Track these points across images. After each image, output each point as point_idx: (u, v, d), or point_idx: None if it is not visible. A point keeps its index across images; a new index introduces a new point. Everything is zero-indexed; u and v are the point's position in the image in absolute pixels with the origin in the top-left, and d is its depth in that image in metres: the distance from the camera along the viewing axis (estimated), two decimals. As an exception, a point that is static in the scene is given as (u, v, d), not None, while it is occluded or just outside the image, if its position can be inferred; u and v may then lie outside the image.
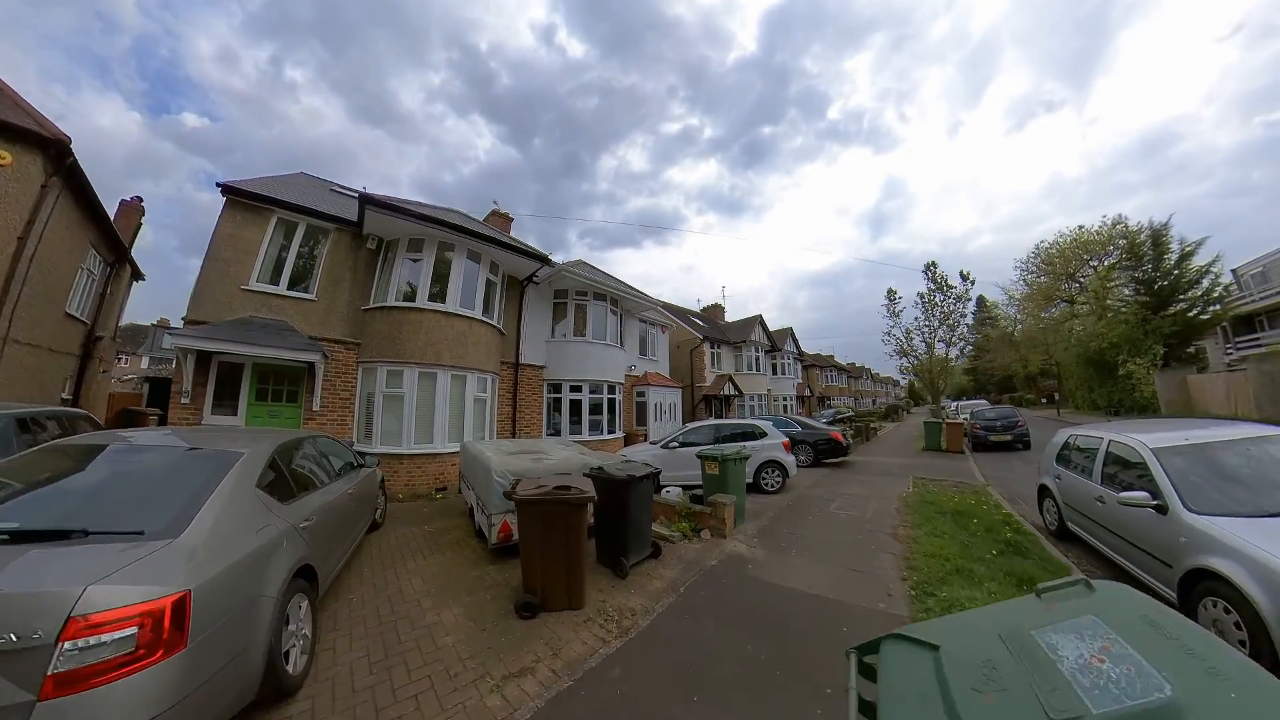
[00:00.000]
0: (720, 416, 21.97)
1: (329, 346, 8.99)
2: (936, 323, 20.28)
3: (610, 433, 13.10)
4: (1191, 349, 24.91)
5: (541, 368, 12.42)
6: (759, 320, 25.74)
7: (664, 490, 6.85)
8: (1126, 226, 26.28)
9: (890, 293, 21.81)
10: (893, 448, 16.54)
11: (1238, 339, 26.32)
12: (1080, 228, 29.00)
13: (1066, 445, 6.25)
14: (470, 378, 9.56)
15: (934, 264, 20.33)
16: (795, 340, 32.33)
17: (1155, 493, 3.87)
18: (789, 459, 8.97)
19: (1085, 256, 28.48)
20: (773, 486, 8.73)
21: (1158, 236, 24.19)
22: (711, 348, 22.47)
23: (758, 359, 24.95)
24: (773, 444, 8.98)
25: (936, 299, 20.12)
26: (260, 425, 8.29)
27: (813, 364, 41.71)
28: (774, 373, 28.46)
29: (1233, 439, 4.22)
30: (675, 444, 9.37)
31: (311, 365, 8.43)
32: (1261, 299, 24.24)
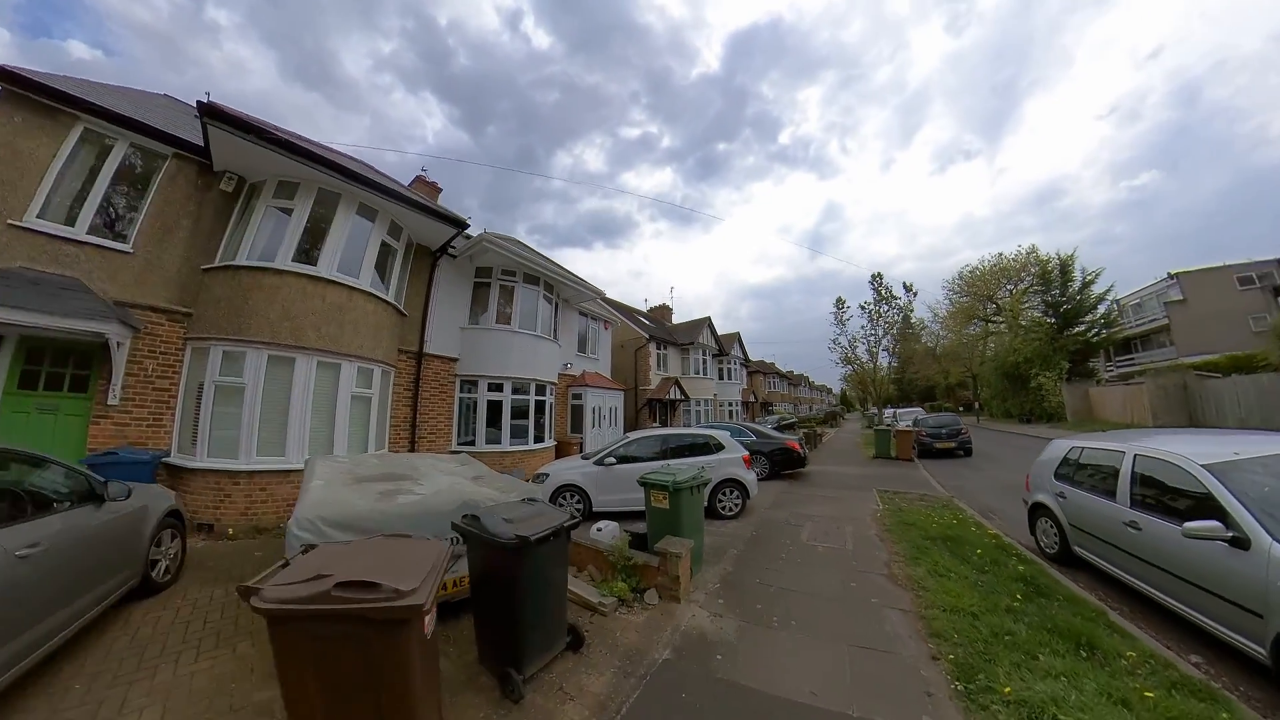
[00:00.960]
0: (665, 422, 20.71)
1: (144, 316, 6.48)
2: (881, 332, 20.48)
3: (539, 441, 11.23)
4: (1089, 365, 27.98)
5: (454, 360, 10.32)
6: (708, 322, 24.87)
7: (596, 527, 5.15)
8: (1039, 255, 29.05)
9: (839, 301, 21.93)
10: (842, 455, 16.03)
11: (1117, 358, 32.09)
12: (1000, 254, 31.66)
13: (1068, 461, 5.42)
14: (347, 367, 7.33)
15: (879, 275, 20.55)
16: (742, 345, 31.99)
17: (1227, 521, 3.14)
18: (750, 477, 7.61)
19: (1002, 280, 31.40)
20: (731, 510, 7.34)
21: (1065, 265, 27.14)
22: (658, 348, 21.17)
23: (705, 362, 24.03)
24: (732, 459, 7.59)
25: (881, 309, 20.36)
26: (23, 423, 5.72)
27: (757, 370, 41.95)
28: (721, 377, 27.76)
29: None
30: (612, 459, 7.66)
31: (108, 341, 5.93)
32: (1137, 326, 30.17)
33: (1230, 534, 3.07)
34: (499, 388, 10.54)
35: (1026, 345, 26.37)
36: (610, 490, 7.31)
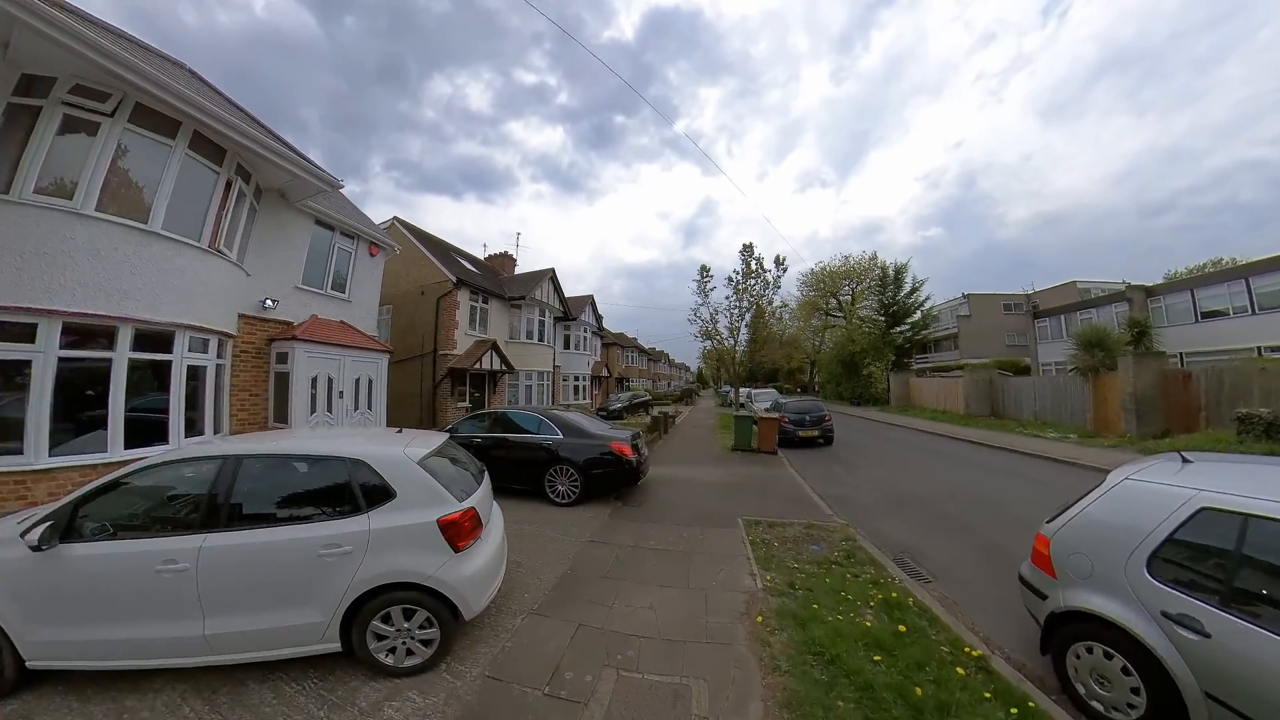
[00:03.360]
0: (482, 402, 15.76)
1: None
2: (746, 305, 18.34)
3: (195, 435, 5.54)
4: (906, 360, 32.25)
5: None
6: (550, 275, 20.09)
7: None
8: (879, 261, 34.00)
9: (703, 269, 19.23)
10: (696, 446, 13.14)
11: (916, 356, 38.21)
12: (847, 257, 36.23)
13: (1197, 530, 2.34)
14: None
15: (751, 246, 18.25)
16: (595, 310, 28.06)
17: None
18: (466, 573, 3.02)
19: (846, 280, 35.98)
20: (404, 662, 2.91)
21: (899, 272, 31.38)
22: (473, 299, 15.85)
23: (544, 325, 19.34)
24: (415, 529, 2.94)
25: (749, 283, 18.21)
26: None
27: (614, 342, 38.83)
28: (567, 346, 23.49)
29: None
30: (50, 534, 2.61)
31: None
32: (937, 332, 37.36)
33: None
34: (87, 338, 4.57)
35: (863, 338, 29.82)
36: (71, 623, 2.51)
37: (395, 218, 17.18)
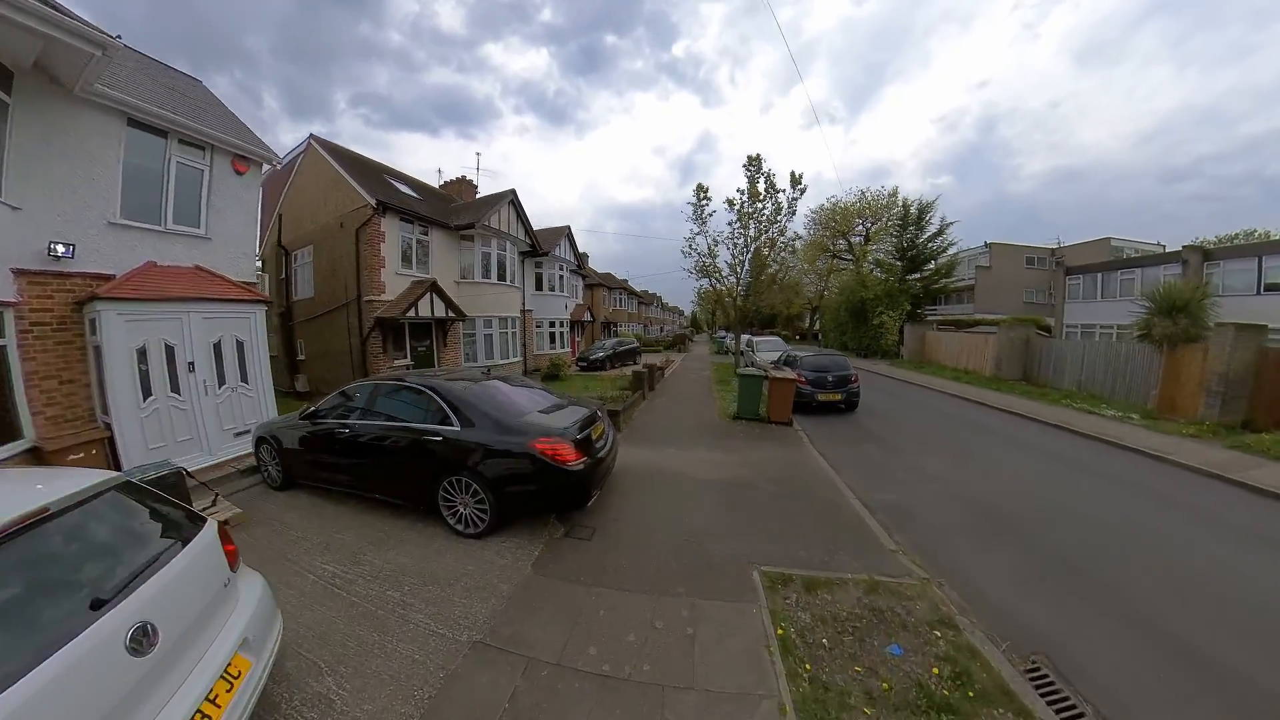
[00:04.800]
0: (429, 357, 13.23)
1: None
2: (753, 233, 15.31)
3: None
4: (920, 311, 29.59)
5: None
6: (510, 199, 16.59)
7: None
8: (900, 198, 30.00)
9: (699, 189, 15.90)
10: (687, 410, 10.87)
11: (927, 307, 35.09)
12: (863, 191, 32.16)
13: None
14: None
15: (758, 158, 14.90)
16: (573, 244, 24.73)
17: None
18: None
19: (859, 219, 32.19)
20: None
21: (923, 211, 27.34)
22: (407, 229, 12.74)
23: (507, 261, 16.26)
24: None
25: (756, 206, 15.03)
26: None
27: (599, 283, 35.74)
28: (539, 287, 20.56)
29: None
30: None
31: None
32: (955, 282, 33.32)
33: None
34: None
35: (876, 284, 26.95)
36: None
37: (311, 135, 13.69)
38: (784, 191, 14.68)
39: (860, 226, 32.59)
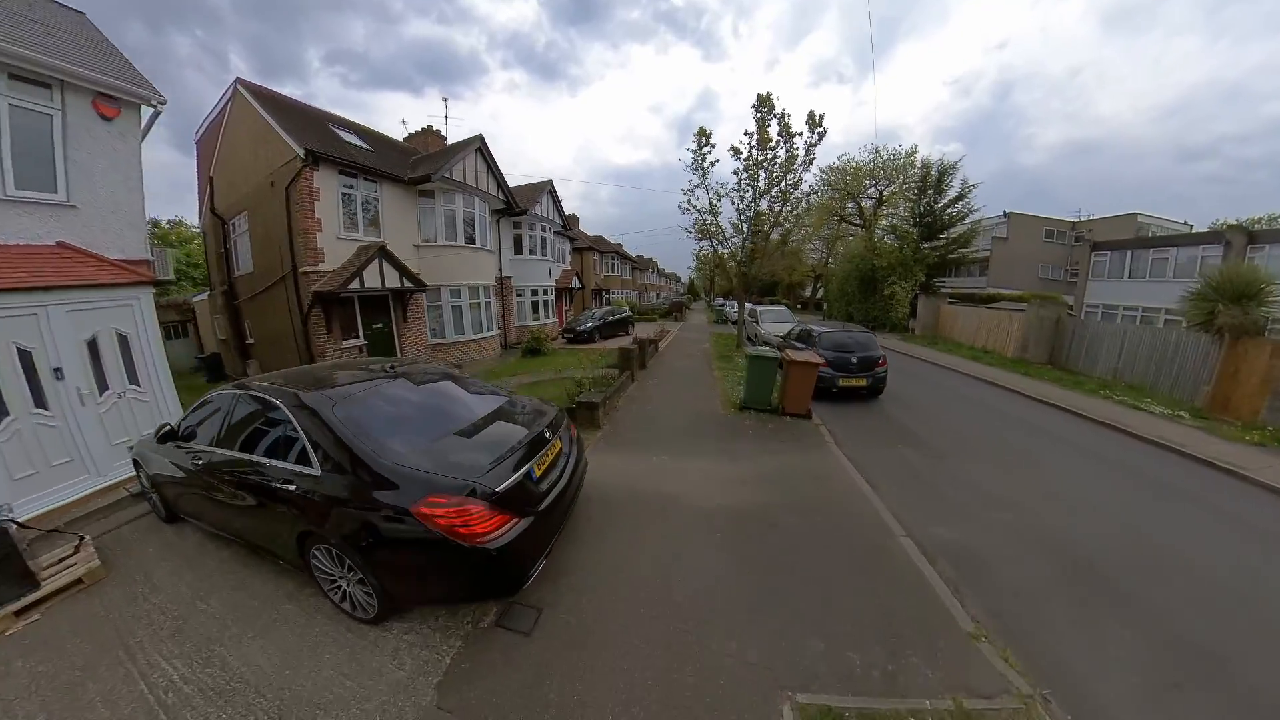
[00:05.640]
0: (387, 335, 11.68)
1: None
2: (761, 186, 13.46)
3: None
4: (934, 282, 27.64)
5: None
6: (478, 147, 14.39)
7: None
8: (919, 158, 27.12)
9: (701, 133, 13.83)
10: (683, 397, 9.45)
11: (935, 279, 32.86)
12: (878, 151, 29.09)
13: None
14: None
15: (769, 97, 12.89)
16: (557, 202, 22.57)
17: None
18: None
19: (870, 181, 29.50)
20: None
21: (944, 173, 24.85)
22: (349, 184, 10.80)
23: (475, 219, 14.32)
24: None
25: (767, 154, 13.12)
26: None
27: (590, 246, 33.50)
28: (518, 251, 18.70)
29: None
30: None
31: None
32: (972, 253, 30.59)
33: None
34: None
35: (890, 251, 24.99)
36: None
37: (237, 79, 11.36)
38: (800, 135, 12.74)
39: (873, 189, 29.99)
